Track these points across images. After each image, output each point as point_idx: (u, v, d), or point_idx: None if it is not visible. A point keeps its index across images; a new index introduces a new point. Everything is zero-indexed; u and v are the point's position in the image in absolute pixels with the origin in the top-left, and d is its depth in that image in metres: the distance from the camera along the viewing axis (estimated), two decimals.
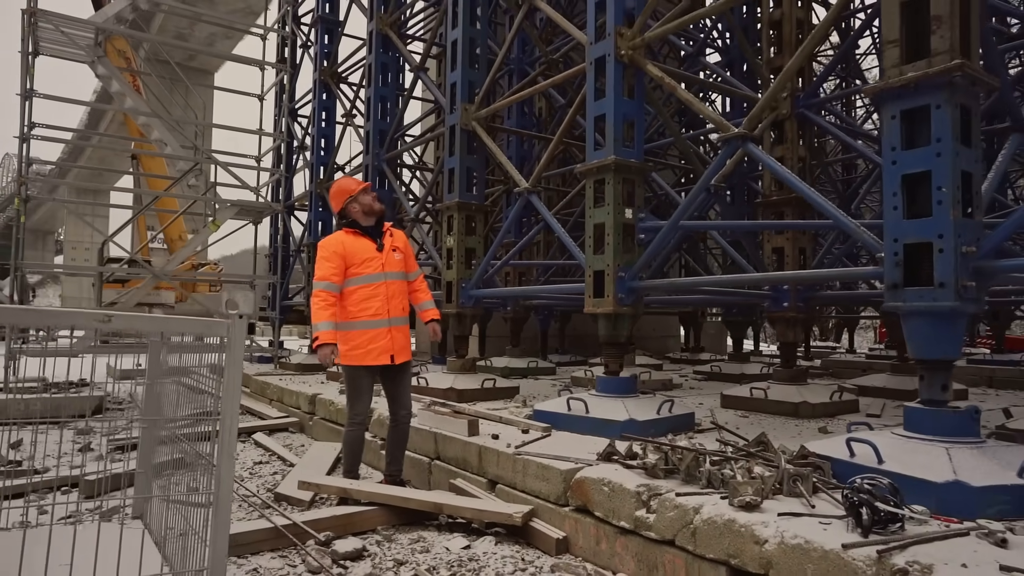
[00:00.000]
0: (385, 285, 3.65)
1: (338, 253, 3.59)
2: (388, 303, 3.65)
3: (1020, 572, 1.81)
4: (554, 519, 3.07)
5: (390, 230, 3.86)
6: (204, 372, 2.26)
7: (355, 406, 3.69)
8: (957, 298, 2.61)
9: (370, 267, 3.64)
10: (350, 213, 3.72)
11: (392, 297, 3.68)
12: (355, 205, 3.71)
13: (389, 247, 3.76)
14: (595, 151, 4.35)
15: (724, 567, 2.34)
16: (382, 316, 3.63)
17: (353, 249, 3.63)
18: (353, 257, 3.62)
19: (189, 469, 2.46)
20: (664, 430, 3.87)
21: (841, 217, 3.20)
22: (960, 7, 2.70)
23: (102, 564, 1.92)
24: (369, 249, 3.67)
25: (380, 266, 3.67)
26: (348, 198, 3.72)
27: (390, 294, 3.66)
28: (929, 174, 2.69)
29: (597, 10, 4.44)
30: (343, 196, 3.75)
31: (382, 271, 3.66)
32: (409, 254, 3.92)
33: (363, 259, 3.63)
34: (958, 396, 6.17)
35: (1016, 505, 2.32)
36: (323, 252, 3.64)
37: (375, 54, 7.63)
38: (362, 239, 3.69)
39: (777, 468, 2.63)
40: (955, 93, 2.66)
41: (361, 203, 3.72)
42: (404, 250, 3.86)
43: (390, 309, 3.66)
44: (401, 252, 3.82)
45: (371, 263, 3.65)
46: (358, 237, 3.69)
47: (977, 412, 2.72)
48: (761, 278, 4.59)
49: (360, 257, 3.63)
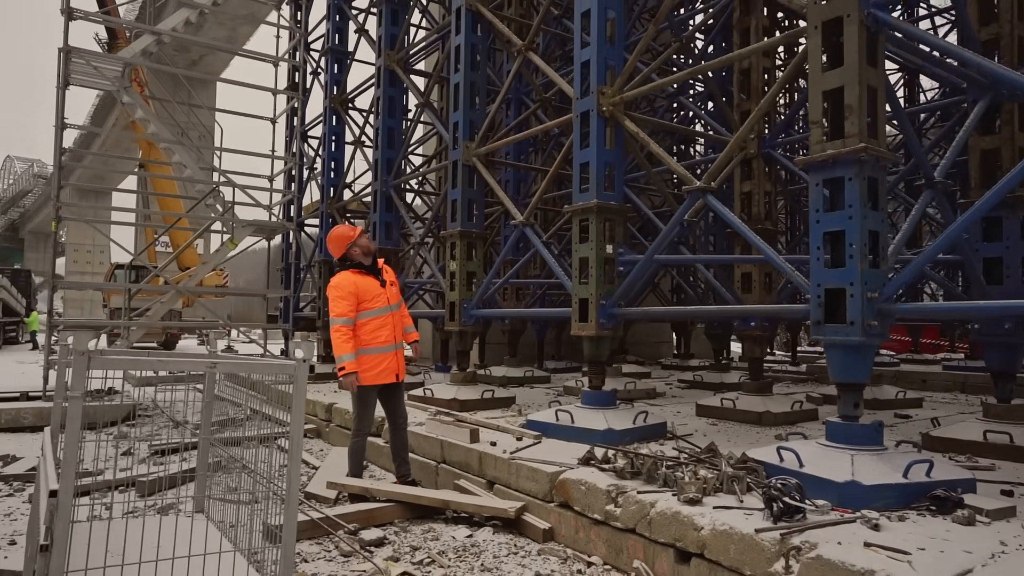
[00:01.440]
0: (391, 316, 4.31)
1: (352, 292, 4.17)
2: (394, 331, 4.31)
3: (877, 547, 2.44)
4: (541, 513, 3.70)
5: (383, 266, 4.46)
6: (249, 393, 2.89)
7: (363, 420, 4.33)
8: (864, 334, 3.25)
9: (379, 302, 4.26)
10: (352, 256, 4.29)
11: (396, 326, 4.35)
12: (355, 249, 4.28)
13: (389, 282, 4.39)
14: (581, 193, 4.99)
15: (672, 549, 2.98)
16: (391, 342, 4.29)
17: (364, 287, 4.22)
18: (364, 295, 4.21)
19: (240, 472, 3.09)
20: (638, 438, 4.51)
21: (775, 258, 3.84)
22: (868, 99, 3.34)
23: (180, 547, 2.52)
24: (375, 287, 4.28)
25: (386, 300, 4.30)
26: (349, 243, 4.28)
27: (395, 323, 4.33)
28: (843, 232, 3.34)
29: (583, 69, 5.08)
30: (344, 242, 4.29)
31: (388, 304, 4.30)
32: (397, 284, 4.56)
33: (372, 296, 4.24)
34: (911, 404, 6.82)
35: (899, 499, 2.96)
36: (338, 292, 4.18)
37: (383, 88, 8.28)
38: (368, 278, 4.28)
39: (719, 471, 3.27)
40: (863, 168, 3.30)
41: (360, 246, 4.28)
42: (396, 283, 4.51)
43: (396, 336, 4.32)
44: (394, 285, 4.46)
45: (379, 299, 4.27)
46: (364, 276, 4.27)
47: (881, 425, 3.35)
48: (711, 311, 5.23)
49: (370, 294, 4.24)
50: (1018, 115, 4.43)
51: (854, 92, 3.33)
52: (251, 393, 3.54)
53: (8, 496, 4.46)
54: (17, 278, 28.38)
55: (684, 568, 2.92)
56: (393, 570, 3.09)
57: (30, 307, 27.92)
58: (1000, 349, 4.46)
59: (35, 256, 75.51)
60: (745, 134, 4.32)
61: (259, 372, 2.66)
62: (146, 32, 8.76)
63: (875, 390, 6.84)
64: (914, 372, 10.58)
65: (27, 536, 3.10)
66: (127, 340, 8.51)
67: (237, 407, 5.00)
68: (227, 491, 3.57)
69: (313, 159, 11.05)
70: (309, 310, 11.11)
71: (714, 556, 2.78)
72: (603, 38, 4.96)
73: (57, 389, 3.47)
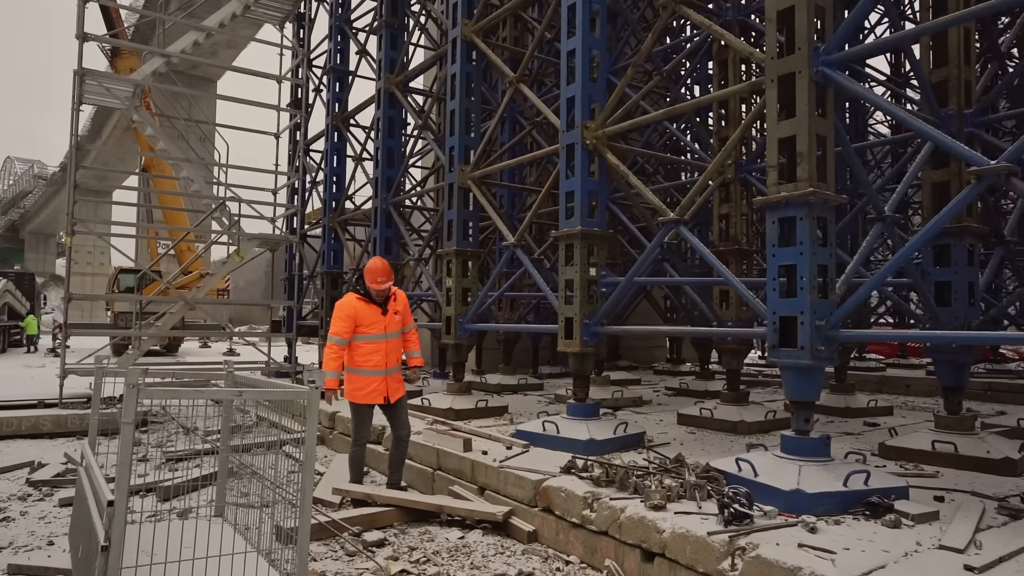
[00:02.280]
0: (385, 343, 4.65)
1: (351, 316, 4.58)
2: (387, 357, 4.64)
3: (809, 547, 2.84)
4: (526, 517, 4.10)
5: (395, 294, 4.80)
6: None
7: (359, 432, 4.75)
8: (812, 358, 3.65)
9: (375, 329, 4.63)
10: (369, 290, 4.66)
11: (390, 352, 4.68)
12: (373, 288, 4.63)
13: (392, 311, 4.72)
14: (566, 220, 5.39)
15: (638, 549, 3.38)
16: (380, 367, 4.63)
17: (363, 313, 4.62)
18: (362, 320, 4.60)
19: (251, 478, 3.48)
20: (618, 447, 4.91)
21: (737, 284, 4.25)
22: (817, 147, 3.74)
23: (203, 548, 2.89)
24: (375, 314, 4.65)
25: (383, 328, 4.65)
26: (373, 281, 4.62)
27: (388, 350, 4.66)
28: (795, 266, 3.74)
29: (568, 104, 5.48)
30: (369, 277, 4.63)
31: (383, 332, 4.64)
32: (407, 312, 4.89)
33: (370, 322, 4.62)
34: (882, 412, 7.22)
35: (838, 505, 3.36)
36: (339, 313, 4.61)
37: (383, 109, 8.67)
38: (371, 306, 4.66)
39: (683, 480, 3.67)
40: (812, 209, 3.69)
41: (377, 291, 4.64)
42: (403, 311, 4.83)
43: (387, 362, 4.65)
44: (400, 313, 4.78)
45: (376, 325, 4.64)
46: (367, 304, 4.65)
47: (828, 439, 3.75)
48: (679, 330, 5.61)
49: (368, 320, 4.62)
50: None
51: (804, 141, 3.73)
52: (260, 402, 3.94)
53: (39, 500, 4.85)
54: (21, 281, 28.75)
55: (648, 566, 3.32)
56: (392, 568, 3.48)
57: (33, 310, 28.31)
58: (949, 366, 4.87)
59: (35, 257, 75.84)
60: (715, 168, 4.72)
61: (277, 398, 3.04)
62: (157, 55, 9.16)
63: (848, 399, 7.25)
64: (899, 377, 10.99)
65: (71, 538, 3.49)
66: (138, 350, 8.90)
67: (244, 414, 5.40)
68: (240, 496, 3.98)
69: (316, 174, 11.44)
70: (312, 318, 11.50)
71: (673, 555, 3.18)
72: (587, 75, 5.36)
73: (94, 404, 3.87)
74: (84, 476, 3.29)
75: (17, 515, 4.45)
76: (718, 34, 4.42)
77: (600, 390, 7.82)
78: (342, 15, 10.35)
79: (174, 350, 22.42)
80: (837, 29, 3.85)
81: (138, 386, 2.44)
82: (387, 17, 8.74)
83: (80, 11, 8.73)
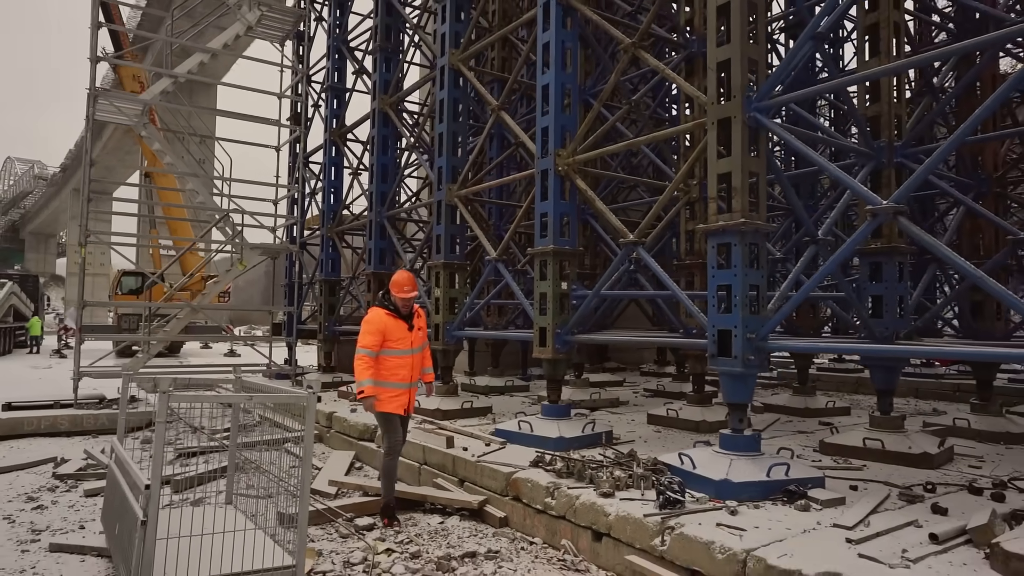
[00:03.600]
0: (411, 357, 4.75)
1: (380, 330, 4.67)
2: (412, 371, 4.75)
3: (725, 526, 3.41)
4: (499, 505, 4.67)
5: (418, 311, 4.94)
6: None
7: (391, 440, 4.71)
8: (744, 366, 4.21)
9: (402, 344, 4.72)
10: (395, 301, 4.75)
11: (415, 367, 4.79)
12: (399, 299, 4.73)
13: (417, 327, 4.86)
14: (541, 238, 5.95)
15: (590, 530, 3.94)
16: (406, 380, 4.72)
17: (391, 328, 4.71)
18: (390, 334, 4.69)
19: (256, 472, 4.04)
20: (585, 444, 5.47)
21: (683, 299, 4.81)
22: (748, 182, 4.30)
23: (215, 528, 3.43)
24: (402, 329, 4.74)
25: (410, 343, 4.76)
26: (398, 292, 4.73)
27: (414, 364, 4.77)
28: (730, 286, 4.30)
29: (543, 134, 6.04)
30: (396, 288, 4.74)
31: (410, 347, 4.75)
32: (425, 330, 5.00)
33: (398, 337, 4.71)
34: (839, 412, 7.77)
35: (760, 492, 3.92)
36: (368, 327, 4.70)
37: (377, 128, 9.23)
38: (398, 321, 4.75)
39: (632, 472, 4.24)
40: (744, 236, 4.26)
41: (403, 300, 4.74)
42: (424, 328, 4.96)
43: (412, 375, 4.76)
44: (422, 330, 4.91)
45: (403, 341, 4.73)
46: (395, 319, 4.74)
47: (759, 436, 4.33)
48: (636, 341, 6.17)
49: (396, 335, 4.71)
50: (895, 178, 5.40)
51: (739, 177, 4.29)
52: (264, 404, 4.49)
53: (66, 492, 5.41)
54: (25, 283, 29.30)
55: (598, 544, 3.89)
56: (379, 547, 4.04)
57: (37, 312, 28.86)
58: (881, 371, 5.43)
59: (35, 257, 76.37)
60: (668, 196, 5.28)
61: (282, 402, 3.61)
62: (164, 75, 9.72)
63: (808, 400, 7.81)
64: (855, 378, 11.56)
65: (104, 521, 4.05)
66: (148, 354, 9.46)
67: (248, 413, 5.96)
68: (247, 488, 4.53)
69: (315, 186, 12.00)
70: (311, 322, 12.06)
71: (617, 535, 3.75)
72: (560, 108, 5.92)
73: (121, 405, 4.42)
74: (116, 468, 3.86)
75: (49, 504, 5.01)
76: (669, 76, 4.99)
77: (579, 392, 8.39)
78: (339, 36, 10.91)
79: (176, 351, 22.95)
80: (768, 79, 4.42)
81: (168, 392, 3.00)
82: (381, 42, 9.30)
83: (93, 35, 9.28)
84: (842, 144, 5.37)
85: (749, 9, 4.41)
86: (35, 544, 4.09)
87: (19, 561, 3.80)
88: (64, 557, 3.87)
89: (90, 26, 9.42)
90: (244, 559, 3.23)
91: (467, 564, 3.79)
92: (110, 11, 13.51)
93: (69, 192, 57.85)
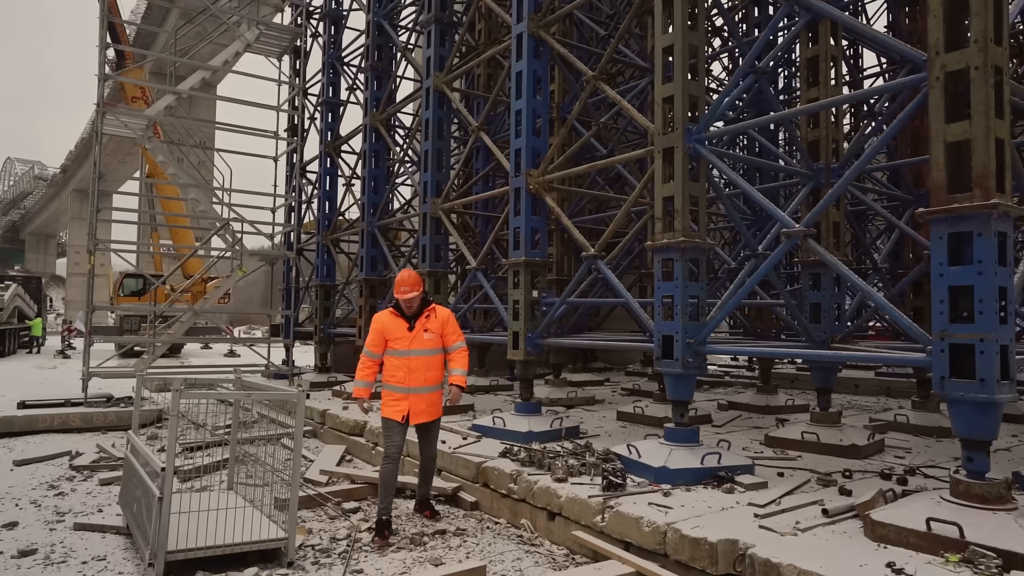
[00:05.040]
0: (408, 360, 4.46)
1: (378, 330, 4.57)
2: (409, 375, 4.46)
3: (656, 505, 3.98)
4: (471, 491, 5.24)
5: (433, 312, 4.62)
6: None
7: (387, 446, 4.55)
8: (683, 368, 4.79)
9: (400, 344, 4.50)
10: (398, 302, 4.59)
11: (413, 371, 4.46)
12: (398, 299, 4.54)
13: (420, 328, 4.52)
14: (514, 251, 6.53)
15: (545, 511, 4.51)
16: (403, 384, 4.48)
17: (390, 327, 4.55)
18: (389, 334, 4.54)
19: (255, 463, 4.61)
20: (552, 438, 6.03)
21: (635, 307, 5.38)
22: (690, 205, 4.86)
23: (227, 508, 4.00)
24: (401, 329, 4.52)
25: (407, 344, 4.49)
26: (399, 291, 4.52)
27: (412, 368, 4.46)
28: (673, 296, 4.87)
29: (516, 155, 6.61)
30: (396, 289, 4.56)
31: (407, 348, 4.48)
32: (448, 331, 4.63)
33: (396, 337, 4.52)
34: (798, 410, 8.35)
35: (694, 478, 4.49)
36: (370, 327, 4.65)
37: (368, 143, 9.80)
38: (398, 320, 4.55)
39: (584, 461, 4.81)
40: (685, 253, 4.83)
41: (403, 300, 4.53)
42: (439, 329, 4.58)
43: (410, 380, 4.46)
44: (434, 332, 4.55)
45: (401, 341, 4.51)
46: (396, 318, 4.56)
47: (697, 429, 4.90)
48: (599, 344, 6.74)
49: (394, 335, 4.53)
50: (843, 198, 5.97)
51: (680, 200, 4.86)
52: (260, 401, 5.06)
53: (83, 481, 5.98)
54: (29, 284, 29.89)
55: (551, 523, 4.46)
56: (362, 526, 4.62)
57: (41, 313, 29.43)
58: (819, 370, 6.01)
59: (35, 257, 76.93)
60: (624, 214, 5.85)
61: (275, 399, 4.18)
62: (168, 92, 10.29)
63: (769, 398, 8.39)
64: (849, 378, 12.12)
65: (122, 503, 4.62)
66: (153, 355, 10.03)
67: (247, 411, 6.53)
68: (246, 477, 5.11)
69: (312, 194, 12.57)
70: (308, 324, 12.63)
71: (567, 514, 4.32)
72: (531, 131, 6.49)
73: (136, 403, 4.98)
74: (132, 456, 4.43)
75: (69, 491, 5.58)
76: (625, 108, 5.56)
77: (557, 391, 8.96)
78: (334, 52, 11.48)
79: (177, 352, 23.54)
80: (706, 113, 4.99)
81: (180, 390, 3.57)
82: (372, 61, 9.87)
83: (100, 54, 9.84)
84: (782, 168, 5.95)
85: (690, 50, 4.98)
86: (61, 524, 4.66)
87: (49, 537, 4.37)
88: (87, 535, 4.44)
89: (97, 45, 9.99)
90: (244, 533, 3.81)
91: (436, 539, 4.36)
92: (116, 30, 14.10)
93: (69, 193, 58.51)
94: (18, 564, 3.89)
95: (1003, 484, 3.30)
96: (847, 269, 4.08)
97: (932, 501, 3.43)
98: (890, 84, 5.17)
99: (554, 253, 9.72)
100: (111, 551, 4.12)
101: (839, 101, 4.77)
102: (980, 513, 3.20)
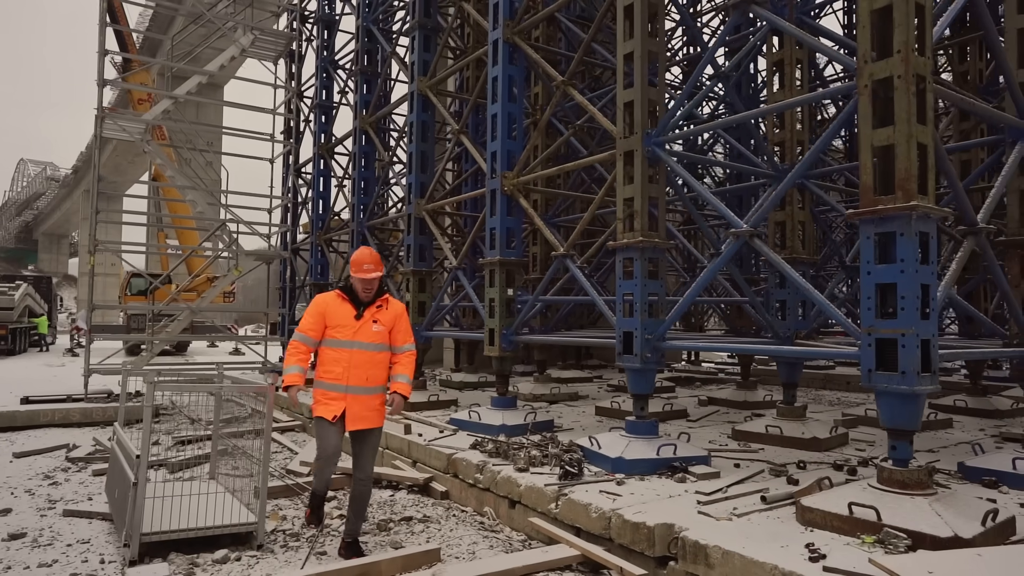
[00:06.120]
0: (349, 353, 3.75)
1: (320, 312, 3.81)
2: (348, 371, 3.73)
3: (607, 493, 4.18)
4: (442, 481, 5.47)
5: (386, 303, 3.93)
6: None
7: (318, 447, 4.00)
8: (642, 363, 4.98)
9: (342, 333, 3.77)
10: (352, 283, 3.89)
11: (355, 367, 3.74)
12: (358, 278, 3.83)
13: (370, 318, 3.81)
14: (490, 251, 6.74)
15: (507, 499, 4.73)
16: (340, 382, 3.75)
17: (334, 311, 3.80)
18: (332, 319, 3.79)
19: (239, 454, 4.86)
20: (526, 432, 6.24)
21: (600, 303, 5.58)
22: (649, 206, 5.06)
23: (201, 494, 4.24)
24: (347, 315, 3.78)
25: (352, 334, 3.76)
26: (355, 270, 3.86)
27: (353, 363, 3.74)
28: (633, 294, 5.07)
29: (492, 157, 6.82)
30: (355, 267, 3.87)
31: (351, 339, 3.76)
32: (398, 328, 3.93)
33: (338, 323, 3.77)
34: (771, 406, 8.49)
35: (650, 468, 4.69)
36: (311, 307, 3.88)
37: (358, 145, 10.04)
38: (345, 304, 3.83)
39: (547, 452, 5.02)
40: (644, 252, 5.02)
41: (362, 280, 3.83)
42: (389, 323, 3.88)
43: (349, 377, 3.73)
44: (383, 325, 3.85)
45: (344, 330, 3.76)
46: (343, 302, 3.83)
47: (656, 422, 5.10)
48: (572, 341, 6.93)
49: (336, 320, 3.78)
50: (809, 197, 6.14)
51: (639, 202, 5.06)
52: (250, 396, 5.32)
53: (77, 472, 6.26)
54: (39, 284, 30.48)
55: (512, 511, 4.68)
56: (334, 512, 4.85)
57: (51, 312, 30.01)
58: (785, 366, 6.18)
59: (48, 257, 78.03)
60: (591, 214, 6.05)
61: (240, 390, 4.42)
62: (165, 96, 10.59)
63: (748, 394, 8.55)
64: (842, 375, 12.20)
65: (107, 490, 4.89)
66: (152, 352, 10.33)
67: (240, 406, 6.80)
68: (232, 469, 5.36)
69: (307, 194, 12.84)
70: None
71: (526, 502, 4.53)
72: (506, 135, 6.70)
73: (121, 397, 5.25)
74: (116, 447, 4.70)
75: (63, 481, 5.86)
76: (590, 111, 5.76)
77: (541, 387, 9.17)
78: (327, 56, 11.73)
79: (183, 350, 23.97)
80: (663, 118, 5.17)
81: (155, 382, 3.82)
82: (361, 65, 10.11)
83: (100, 61, 10.14)
84: (745, 168, 6.13)
85: (650, 57, 5.17)
86: (51, 511, 4.93)
87: (39, 522, 4.64)
88: (75, 520, 4.70)
89: (97, 52, 10.30)
90: (217, 517, 4.06)
91: (402, 525, 4.59)
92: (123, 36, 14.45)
93: (81, 193, 59.41)
94: (7, 546, 4.16)
95: (923, 471, 3.48)
96: (788, 267, 4.26)
97: (859, 488, 3.61)
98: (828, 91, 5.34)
99: (538, 252, 9.93)
100: (95, 535, 4.38)
101: (791, 104, 4.93)
102: (899, 498, 3.38)
